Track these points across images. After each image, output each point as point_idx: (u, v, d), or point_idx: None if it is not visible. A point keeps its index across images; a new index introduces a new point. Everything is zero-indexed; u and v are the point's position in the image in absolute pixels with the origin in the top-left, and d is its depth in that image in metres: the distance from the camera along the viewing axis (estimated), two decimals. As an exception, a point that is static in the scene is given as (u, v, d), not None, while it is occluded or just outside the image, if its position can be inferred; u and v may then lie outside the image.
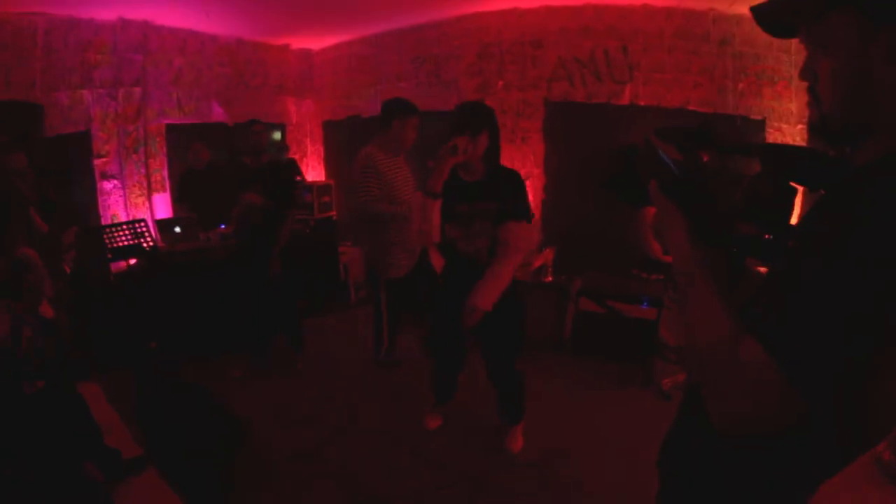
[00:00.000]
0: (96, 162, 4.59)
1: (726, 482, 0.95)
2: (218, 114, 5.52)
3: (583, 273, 4.58)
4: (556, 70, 5.00)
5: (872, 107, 0.76)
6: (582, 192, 4.74)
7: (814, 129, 0.85)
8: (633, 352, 3.94)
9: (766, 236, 0.91)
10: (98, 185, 4.62)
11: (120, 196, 4.78)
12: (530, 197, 4.83)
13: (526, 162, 5.22)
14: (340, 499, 2.56)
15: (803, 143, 4.30)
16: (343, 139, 6.55)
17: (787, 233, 0.88)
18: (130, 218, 4.69)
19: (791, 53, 4.28)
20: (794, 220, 0.89)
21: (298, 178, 5.90)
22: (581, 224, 4.86)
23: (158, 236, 4.55)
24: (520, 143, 5.22)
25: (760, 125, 4.53)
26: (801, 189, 0.89)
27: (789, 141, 4.21)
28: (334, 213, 5.63)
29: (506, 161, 3.07)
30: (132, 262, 4.28)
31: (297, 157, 6.58)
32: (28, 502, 2.02)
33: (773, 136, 4.47)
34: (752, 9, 0.87)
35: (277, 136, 6.39)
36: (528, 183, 4.99)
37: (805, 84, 0.86)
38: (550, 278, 4.60)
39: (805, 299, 0.70)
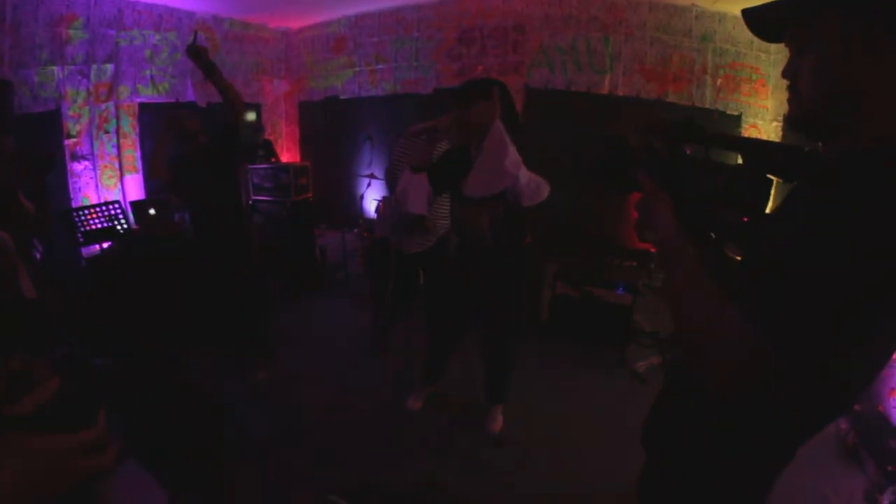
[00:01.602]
0: (67, 142, 4.44)
1: (708, 455, 1.03)
2: (192, 93, 5.39)
3: (559, 258, 4.66)
4: (537, 56, 5.02)
5: (850, 103, 0.83)
6: (559, 179, 4.79)
7: (792, 123, 0.93)
8: (609, 336, 4.04)
9: (744, 219, 0.99)
10: (68, 167, 4.48)
11: (91, 178, 4.64)
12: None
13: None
14: (325, 482, 2.58)
15: (777, 139, 4.45)
16: (320, 120, 6.47)
17: (762, 220, 0.95)
18: (102, 200, 4.57)
19: (770, 53, 4.39)
20: (768, 210, 0.96)
21: (273, 160, 5.83)
22: (558, 211, 4.91)
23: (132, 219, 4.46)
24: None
25: (737, 120, 4.64)
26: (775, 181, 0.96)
27: (764, 136, 4.33)
28: (310, 195, 5.57)
29: None
30: (105, 245, 4.18)
31: (272, 138, 6.48)
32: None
33: (748, 132, 4.60)
34: (744, 12, 0.93)
35: (253, 116, 6.27)
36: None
37: (784, 83, 0.92)
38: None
39: (778, 276, 0.77)
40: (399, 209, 2.72)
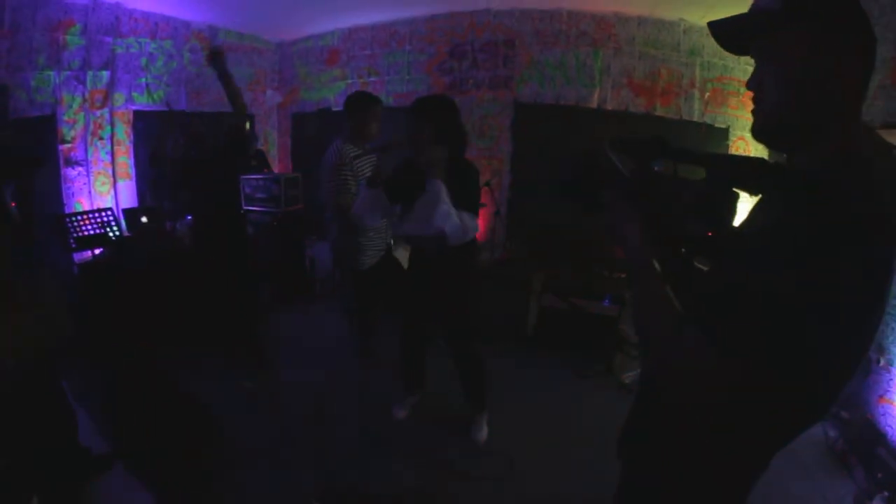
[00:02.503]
0: (61, 147, 4.46)
1: (680, 463, 1.05)
2: (185, 103, 5.43)
3: (547, 270, 4.71)
4: (526, 71, 5.10)
5: (813, 114, 0.87)
6: (548, 191, 4.85)
7: (756, 134, 0.97)
8: (596, 346, 4.08)
9: (710, 234, 1.02)
10: (62, 172, 4.50)
11: (84, 183, 4.66)
12: (496, 194, 4.96)
13: (493, 160, 5.32)
14: (309, 488, 2.60)
15: (765, 152, 4.50)
16: (312, 132, 6.52)
17: (728, 233, 0.99)
18: (94, 206, 4.59)
19: (756, 66, 4.48)
20: (735, 222, 1.00)
21: (266, 170, 5.88)
22: (547, 222, 4.98)
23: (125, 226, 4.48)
24: (489, 141, 5.31)
25: (725, 133, 4.73)
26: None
27: (751, 150, 4.40)
28: (301, 205, 5.61)
29: (474, 158, 3.26)
30: (97, 251, 4.20)
31: (264, 148, 6.53)
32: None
33: (736, 145, 4.68)
34: (710, 24, 0.97)
35: (247, 126, 6.31)
36: (495, 181, 5.10)
37: None
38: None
39: (742, 296, 0.80)
40: (358, 222, 2.86)
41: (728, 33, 0.97)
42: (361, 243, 3.32)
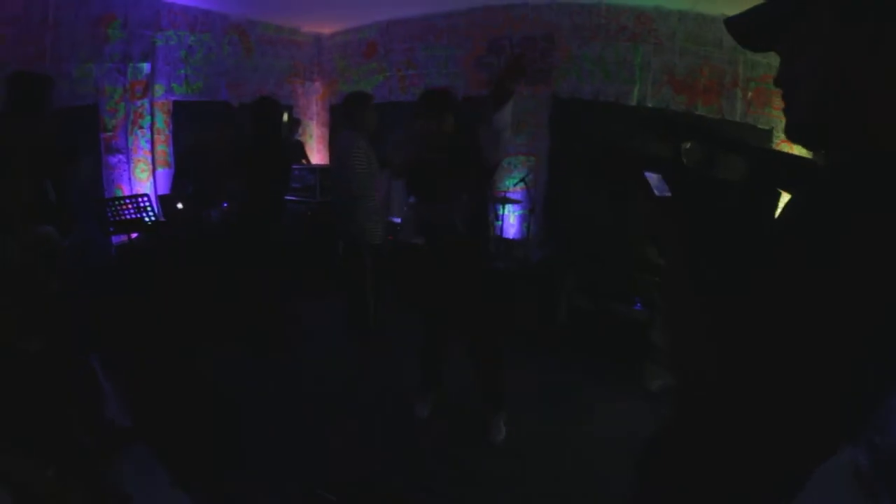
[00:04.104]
0: (103, 135, 4.61)
1: (704, 486, 0.96)
2: (225, 93, 5.54)
3: (579, 269, 4.60)
4: (565, 66, 4.99)
5: (850, 105, 0.77)
6: (585, 189, 4.75)
7: (790, 133, 0.87)
8: (625, 351, 3.97)
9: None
10: (104, 159, 4.65)
11: (125, 170, 4.80)
12: (532, 191, 4.89)
13: (530, 156, 5.23)
14: (319, 480, 2.60)
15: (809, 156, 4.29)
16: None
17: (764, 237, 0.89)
18: (134, 192, 4.72)
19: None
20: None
21: (304, 161, 5.95)
22: (582, 220, 4.87)
23: (161, 211, 4.60)
24: (525, 137, 5.22)
25: (768, 135, 4.52)
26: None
27: (794, 153, 4.21)
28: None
29: (510, 155, 3.33)
30: (133, 236, 4.32)
31: (302, 139, 6.60)
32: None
33: (779, 147, 4.47)
34: (726, 22, 0.88)
35: (285, 117, 6.41)
36: (531, 178, 5.02)
37: None
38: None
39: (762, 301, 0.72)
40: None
41: (748, 28, 0.88)
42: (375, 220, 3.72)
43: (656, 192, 0.97)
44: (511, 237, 5.29)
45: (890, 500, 2.61)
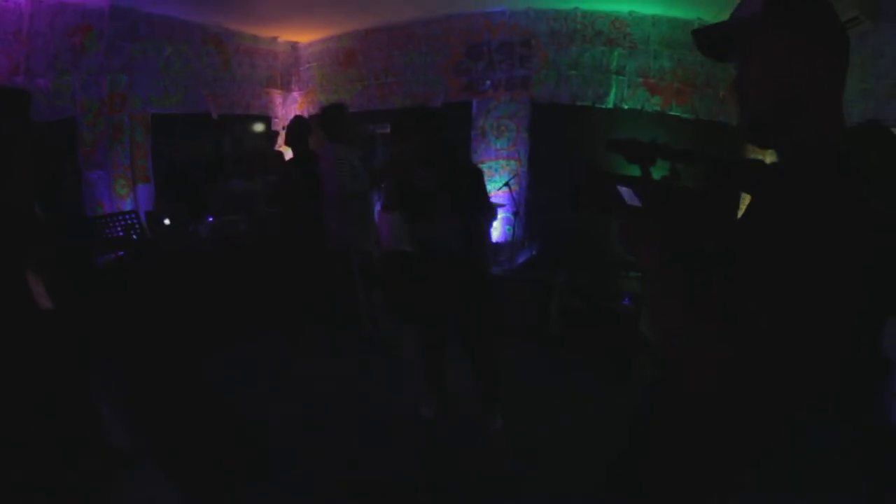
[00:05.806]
0: (81, 151, 4.50)
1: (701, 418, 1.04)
2: (203, 104, 5.47)
3: (567, 268, 4.71)
4: (543, 71, 5.10)
5: (792, 111, 0.93)
6: (565, 193, 4.84)
7: (744, 133, 1.02)
8: (616, 346, 4.08)
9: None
10: (84, 175, 4.54)
11: (104, 187, 4.69)
12: (515, 195, 4.97)
13: (511, 160, 5.32)
14: (335, 486, 2.61)
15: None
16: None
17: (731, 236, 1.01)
18: (115, 209, 4.62)
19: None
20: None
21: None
22: (565, 221, 4.97)
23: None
24: (506, 142, 5.32)
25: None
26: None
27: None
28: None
29: (491, 160, 3.41)
30: (119, 254, 4.23)
31: (280, 149, 6.55)
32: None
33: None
34: (694, 33, 1.02)
35: (261, 127, 6.37)
36: (513, 182, 5.10)
37: None
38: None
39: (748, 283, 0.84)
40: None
41: (712, 40, 1.03)
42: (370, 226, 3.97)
43: (629, 203, 1.08)
44: (496, 241, 5.37)
45: (877, 475, 2.76)
